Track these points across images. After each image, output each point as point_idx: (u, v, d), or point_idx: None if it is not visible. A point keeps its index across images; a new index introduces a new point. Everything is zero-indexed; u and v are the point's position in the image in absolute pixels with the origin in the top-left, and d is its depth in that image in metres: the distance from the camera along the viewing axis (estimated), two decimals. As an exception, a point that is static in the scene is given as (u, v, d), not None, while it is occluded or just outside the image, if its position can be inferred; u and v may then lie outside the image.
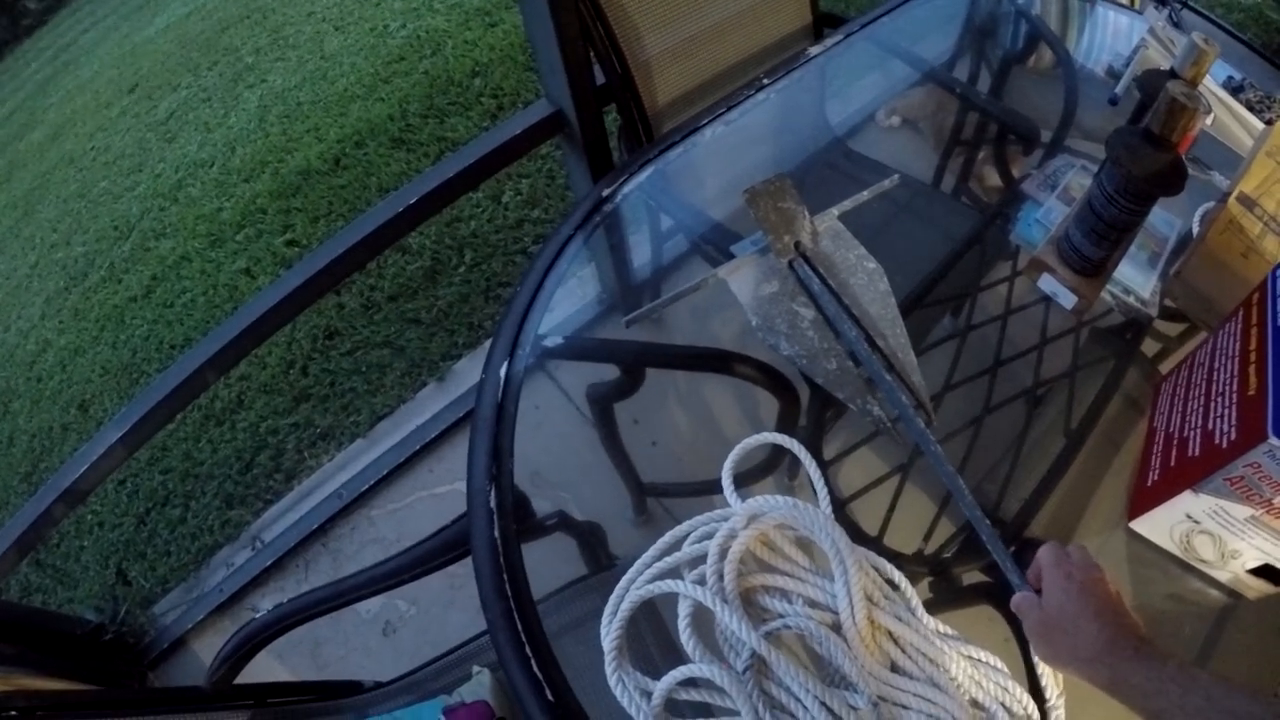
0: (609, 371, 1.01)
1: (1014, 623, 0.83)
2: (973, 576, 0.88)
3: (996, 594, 0.87)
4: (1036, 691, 0.70)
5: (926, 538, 0.91)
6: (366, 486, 1.82)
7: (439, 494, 1.81)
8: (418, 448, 1.85)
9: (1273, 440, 0.62)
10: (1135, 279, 1.04)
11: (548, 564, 0.88)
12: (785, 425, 0.94)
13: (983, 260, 1.18)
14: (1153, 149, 0.78)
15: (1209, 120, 1.31)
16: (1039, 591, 0.66)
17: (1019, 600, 0.67)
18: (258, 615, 0.95)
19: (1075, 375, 1.07)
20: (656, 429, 1.04)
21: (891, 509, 0.93)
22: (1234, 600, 0.83)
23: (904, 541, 0.89)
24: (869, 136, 1.67)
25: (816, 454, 0.89)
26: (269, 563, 1.77)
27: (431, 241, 2.46)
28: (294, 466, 2.01)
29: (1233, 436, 0.68)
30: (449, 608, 1.62)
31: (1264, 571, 0.79)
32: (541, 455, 0.97)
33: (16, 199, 4.21)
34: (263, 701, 1.04)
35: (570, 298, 1.08)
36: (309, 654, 1.62)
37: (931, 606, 0.74)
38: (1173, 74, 0.86)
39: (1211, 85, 1.37)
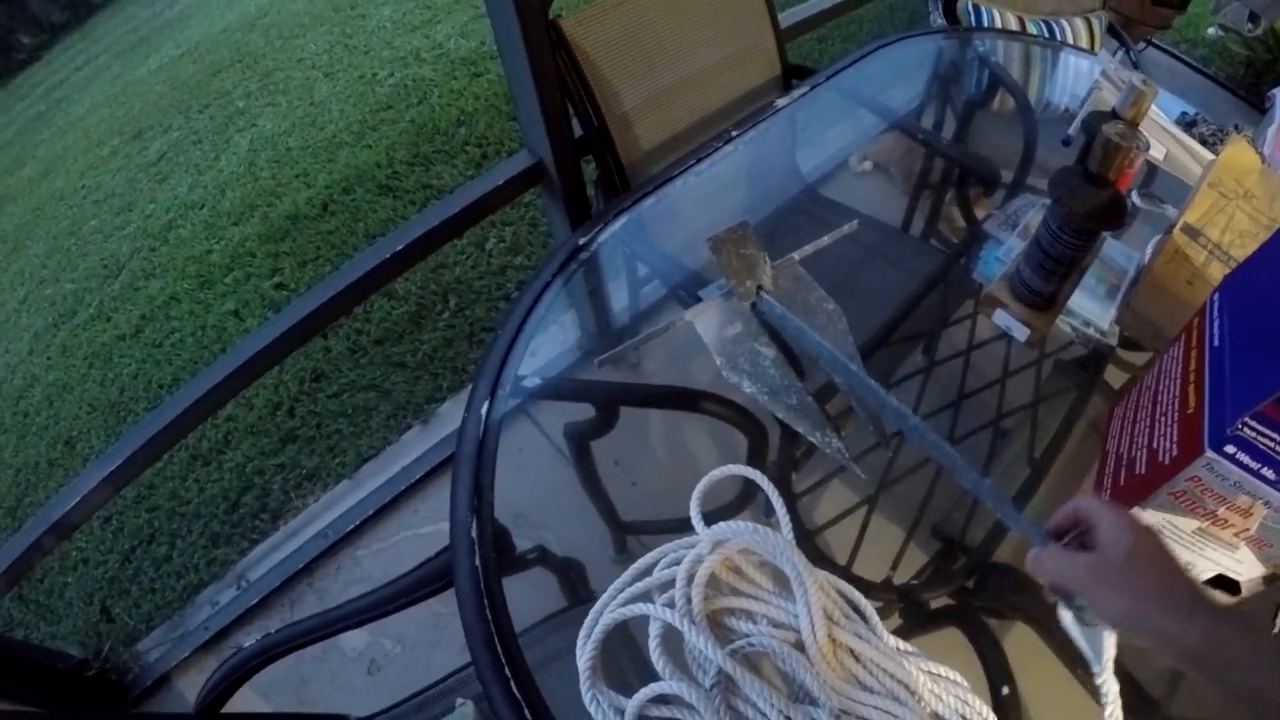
0: (588, 413, 1.05)
1: (978, 643, 0.87)
2: (940, 603, 0.91)
3: (963, 617, 0.91)
4: (999, 709, 0.73)
5: (894, 566, 0.95)
6: (352, 526, 1.83)
7: (424, 534, 1.83)
8: (403, 488, 1.87)
9: (1210, 454, 0.66)
10: (1094, 311, 1.08)
11: (529, 600, 0.90)
12: (754, 461, 0.98)
13: (946, 299, 1.24)
14: (1092, 187, 0.84)
15: (1161, 155, 1.37)
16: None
17: (1052, 557, 0.59)
18: (244, 647, 0.98)
19: (1038, 406, 1.11)
20: (636, 470, 1.07)
21: (860, 538, 0.97)
22: None
23: (874, 570, 0.92)
24: (842, 181, 1.73)
25: (785, 487, 0.93)
26: (254, 601, 1.77)
27: (417, 287, 2.51)
28: (280, 506, 2.02)
29: (1174, 453, 0.72)
30: (433, 647, 1.63)
31: (1220, 583, 0.81)
32: (524, 497, 1.01)
33: (6, 234, 4.22)
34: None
35: (552, 342, 1.12)
36: (294, 692, 1.62)
37: (901, 632, 0.77)
38: (1115, 115, 0.92)
39: (1164, 121, 1.44)
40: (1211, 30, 3.76)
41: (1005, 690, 0.79)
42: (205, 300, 2.78)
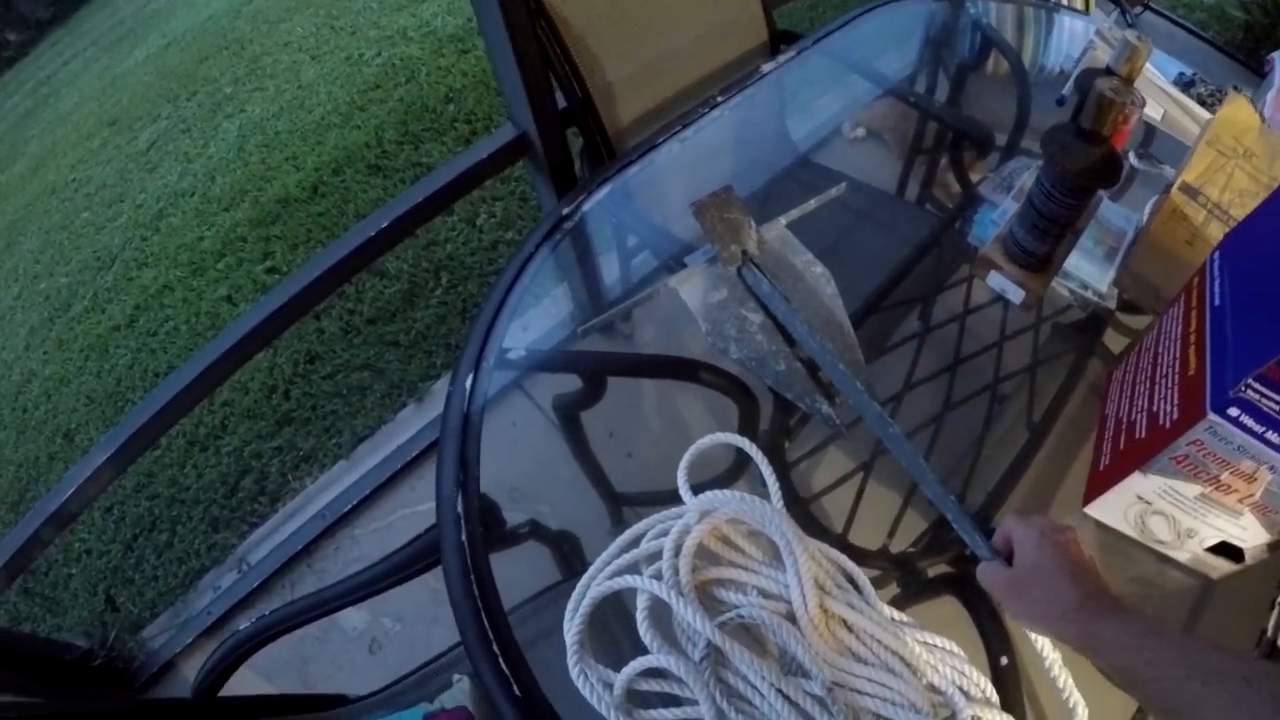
0: (579, 385, 1.04)
1: (976, 612, 0.86)
2: (938, 570, 0.90)
3: (961, 586, 0.90)
4: (998, 680, 0.72)
5: (891, 534, 0.94)
6: (349, 506, 1.83)
7: (420, 511, 1.83)
8: (399, 467, 1.86)
9: (1212, 417, 0.64)
10: (1092, 274, 1.06)
11: (524, 574, 0.89)
12: (745, 429, 0.96)
13: (940, 263, 1.22)
14: (1085, 144, 0.81)
15: (1159, 115, 1.35)
16: (1009, 562, 0.66)
17: (985, 570, 0.67)
18: (240, 629, 0.97)
19: (1036, 370, 1.09)
20: (632, 442, 1.06)
21: (855, 506, 0.95)
22: (1199, 581, 0.85)
23: (870, 539, 0.91)
24: (836, 149, 1.71)
25: (778, 455, 0.91)
26: (255, 584, 1.78)
27: (408, 266, 2.50)
28: (278, 489, 2.02)
29: (1175, 416, 0.70)
30: (434, 623, 1.63)
31: (1223, 550, 0.80)
32: (518, 471, 0.99)
33: (0, 231, 4.23)
34: (249, 714, 1.05)
35: (543, 316, 1.10)
36: (296, 673, 1.62)
37: (898, 601, 0.76)
38: (1109, 71, 0.90)
39: (1161, 82, 1.41)
40: None
41: (1004, 661, 0.77)
42: (198, 287, 2.78)
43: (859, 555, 0.84)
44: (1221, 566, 0.83)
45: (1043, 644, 0.68)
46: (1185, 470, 0.71)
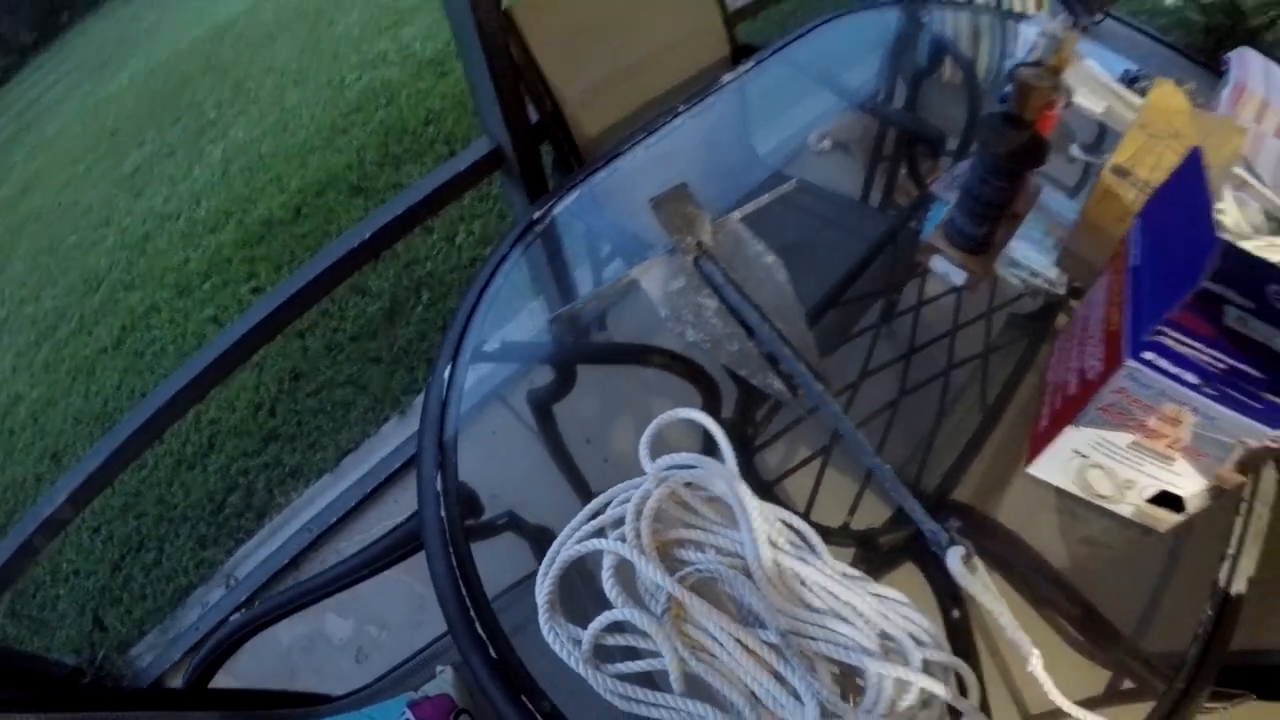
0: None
1: (930, 573, 0.90)
2: (893, 542, 0.94)
3: (914, 550, 0.94)
4: (953, 633, 0.77)
5: (852, 511, 0.98)
6: (335, 519, 1.86)
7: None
8: (383, 479, 1.90)
9: (1130, 363, 0.69)
10: (1041, 262, 1.12)
11: (504, 568, 0.93)
12: (708, 413, 1.01)
13: (895, 259, 1.27)
14: (1012, 129, 0.88)
15: (1102, 109, 1.41)
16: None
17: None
18: (229, 620, 1.01)
19: (989, 356, 1.15)
20: (609, 446, 1.10)
21: (815, 487, 1.00)
22: (1149, 537, 0.88)
23: (833, 518, 0.95)
24: (804, 160, 1.77)
25: (746, 445, 0.96)
26: (243, 599, 1.80)
27: (390, 283, 2.56)
28: (264, 505, 2.05)
29: (1100, 369, 0.76)
30: (417, 629, 1.66)
31: (1165, 501, 0.83)
32: (498, 477, 1.03)
33: (-14, 254, 4.26)
34: (236, 705, 1.08)
35: (516, 320, 1.15)
36: (283, 683, 1.65)
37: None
38: (1039, 63, 0.96)
39: (1105, 78, 1.48)
40: (1172, 1, 3.84)
41: (956, 614, 0.82)
42: (184, 308, 2.82)
43: (822, 533, 0.89)
44: (1165, 518, 0.86)
45: (984, 589, 0.71)
46: (1113, 420, 0.76)
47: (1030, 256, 1.13)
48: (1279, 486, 0.90)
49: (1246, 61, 2.40)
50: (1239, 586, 0.83)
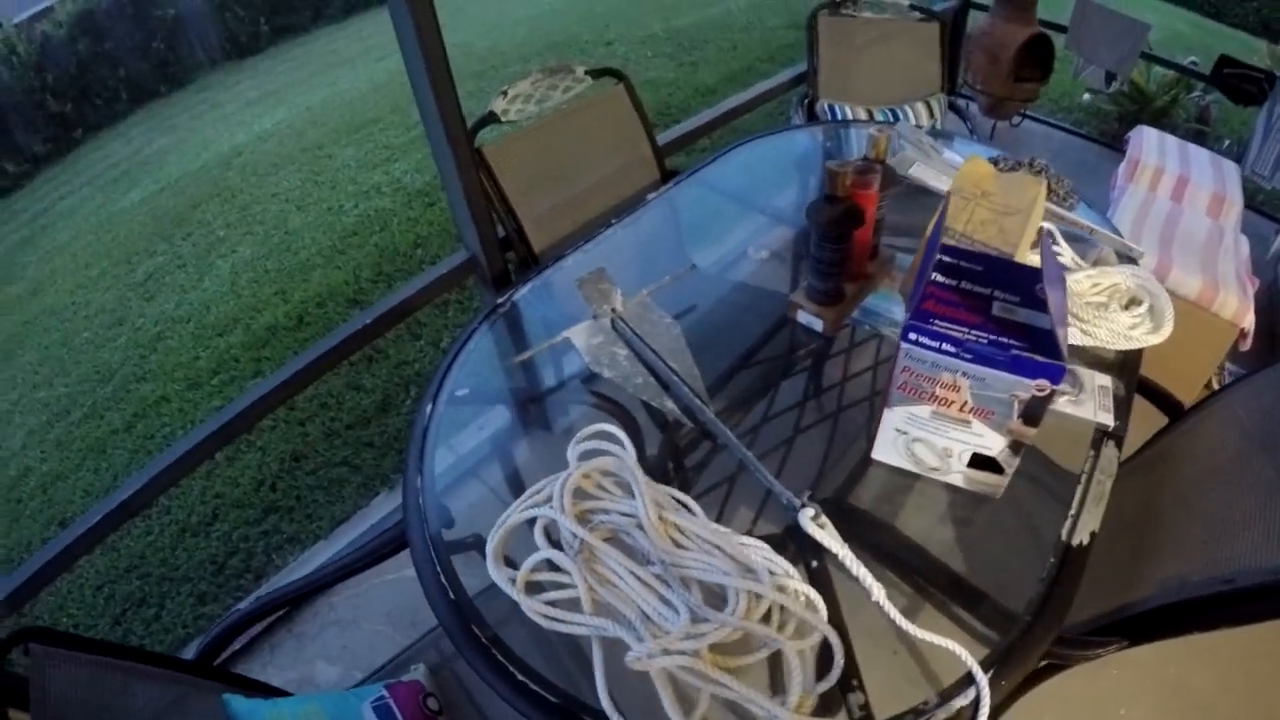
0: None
1: (793, 535, 1.03)
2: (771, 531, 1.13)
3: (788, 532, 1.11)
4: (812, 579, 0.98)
5: (755, 520, 1.18)
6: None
7: (390, 580, 2.07)
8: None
9: (904, 345, 0.92)
10: (884, 307, 1.40)
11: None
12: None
13: (794, 332, 1.57)
14: (829, 205, 1.21)
15: (946, 186, 1.67)
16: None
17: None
18: (238, 608, 1.25)
19: (874, 399, 1.33)
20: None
21: (725, 501, 1.21)
22: (991, 504, 1.03)
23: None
24: (744, 267, 2.08)
25: (676, 473, 1.20)
26: (238, 647, 1.99)
27: (382, 381, 2.92)
28: (262, 567, 2.28)
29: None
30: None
31: (984, 464, 0.98)
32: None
33: (-3, 344, 4.45)
34: (234, 684, 1.29)
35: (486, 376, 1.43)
36: None
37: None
38: (865, 159, 1.31)
39: (955, 162, 1.75)
40: (1086, 97, 4.31)
41: (814, 564, 1.00)
42: (194, 399, 3.11)
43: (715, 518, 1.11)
44: (991, 480, 1.01)
45: (831, 538, 0.94)
46: (911, 396, 0.96)
47: (878, 305, 1.41)
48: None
49: (1142, 139, 2.79)
50: (1081, 538, 0.98)
